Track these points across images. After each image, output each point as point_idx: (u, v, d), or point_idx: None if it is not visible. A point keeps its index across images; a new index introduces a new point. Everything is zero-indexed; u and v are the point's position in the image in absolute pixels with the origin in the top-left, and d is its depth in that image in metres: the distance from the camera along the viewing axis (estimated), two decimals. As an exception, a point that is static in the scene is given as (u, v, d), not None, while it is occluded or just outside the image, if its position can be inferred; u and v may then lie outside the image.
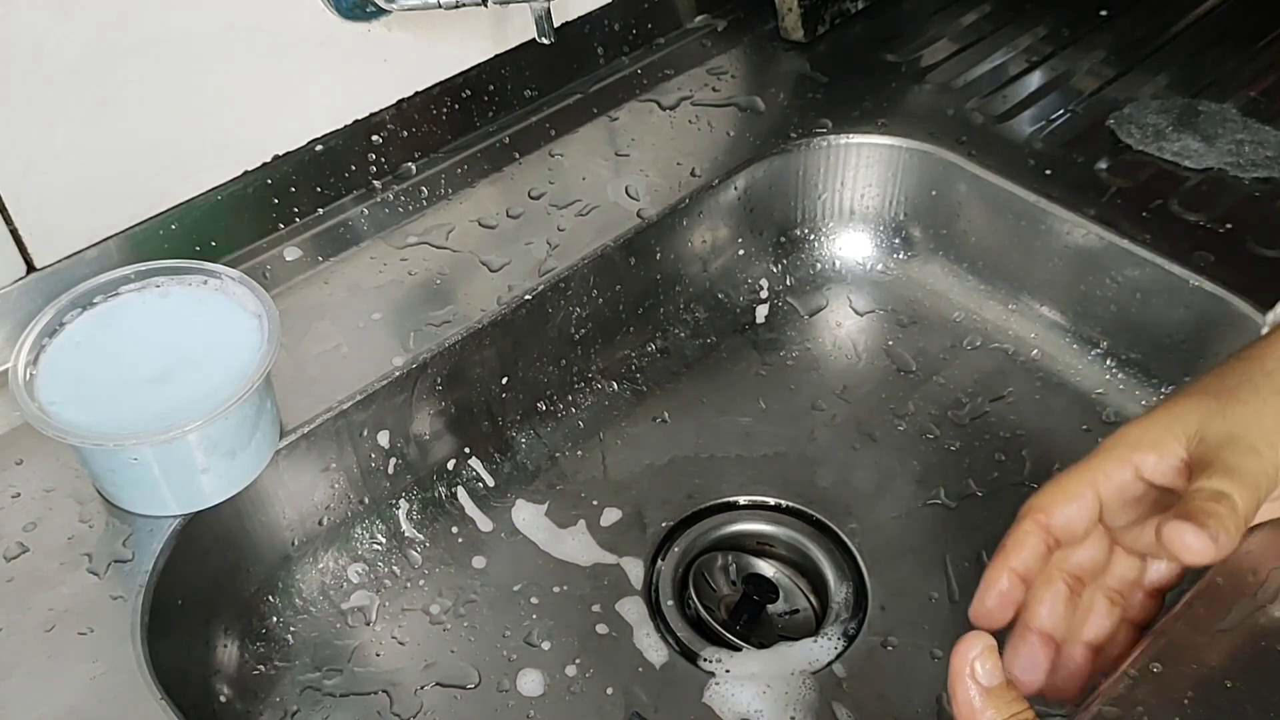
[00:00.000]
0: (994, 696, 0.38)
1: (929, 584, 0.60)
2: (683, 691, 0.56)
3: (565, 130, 0.74)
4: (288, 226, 0.66)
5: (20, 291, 0.56)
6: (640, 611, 0.60)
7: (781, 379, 0.71)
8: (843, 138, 0.73)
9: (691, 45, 0.81)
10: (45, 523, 0.52)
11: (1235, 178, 0.69)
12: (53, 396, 0.49)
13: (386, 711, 0.56)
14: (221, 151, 0.62)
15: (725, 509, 0.65)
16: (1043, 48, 0.81)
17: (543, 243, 0.66)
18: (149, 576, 0.50)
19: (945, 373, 0.70)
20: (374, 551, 0.61)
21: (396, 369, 0.59)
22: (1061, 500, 0.44)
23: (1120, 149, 0.71)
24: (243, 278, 0.53)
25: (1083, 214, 0.66)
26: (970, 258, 0.73)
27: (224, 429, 0.50)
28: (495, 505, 0.64)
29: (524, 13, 0.63)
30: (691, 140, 0.73)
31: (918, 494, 0.64)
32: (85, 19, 0.54)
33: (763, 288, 0.75)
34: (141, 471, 0.49)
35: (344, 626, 0.59)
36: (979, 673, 0.38)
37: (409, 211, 0.68)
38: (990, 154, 0.71)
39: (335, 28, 0.63)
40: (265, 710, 0.55)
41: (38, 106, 0.54)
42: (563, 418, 0.68)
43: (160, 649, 0.48)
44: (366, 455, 0.60)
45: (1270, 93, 0.76)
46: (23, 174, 0.55)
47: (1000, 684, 0.38)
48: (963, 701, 0.38)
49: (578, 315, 0.67)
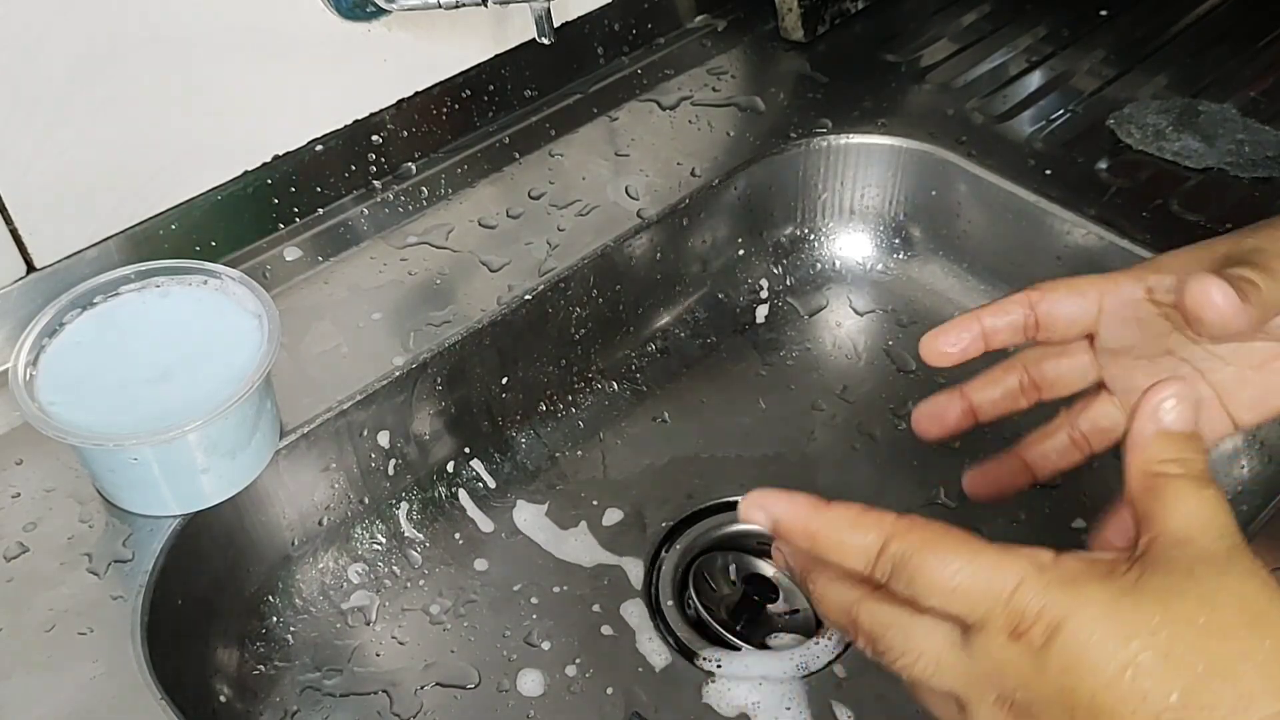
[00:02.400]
0: (1163, 440, 0.36)
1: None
2: (683, 692, 0.56)
3: (565, 130, 0.74)
4: (288, 226, 0.66)
5: (20, 291, 0.56)
6: (640, 612, 0.60)
7: (781, 379, 0.71)
8: (843, 138, 0.73)
9: (691, 45, 0.81)
10: (45, 523, 0.52)
11: (1235, 178, 0.69)
12: (53, 396, 0.49)
13: (386, 711, 0.56)
14: (221, 151, 0.62)
15: (725, 509, 0.64)
16: (1043, 48, 0.81)
17: (543, 243, 0.66)
18: (149, 576, 0.50)
19: (945, 373, 0.70)
20: (374, 551, 0.61)
21: (396, 369, 0.59)
22: (1063, 288, 0.43)
23: (1120, 149, 0.71)
24: (243, 278, 0.53)
25: (1083, 214, 0.66)
26: (970, 258, 0.73)
27: (224, 429, 0.50)
28: (495, 505, 0.64)
29: (524, 13, 0.63)
30: (691, 140, 0.73)
31: (918, 494, 0.64)
32: (85, 19, 0.53)
33: (763, 288, 0.75)
34: (141, 471, 0.49)
35: (344, 626, 0.59)
36: (1165, 413, 0.36)
37: (409, 211, 0.68)
38: (990, 154, 0.71)
39: (335, 28, 0.63)
40: (265, 710, 0.55)
41: (38, 106, 0.54)
42: (563, 418, 0.68)
43: (160, 649, 0.48)
44: (366, 455, 0.60)
45: (1270, 93, 0.76)
46: (23, 174, 0.55)
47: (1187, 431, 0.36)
48: (1135, 434, 0.36)
49: (578, 315, 0.67)
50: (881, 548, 0.34)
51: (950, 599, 0.33)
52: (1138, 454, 0.36)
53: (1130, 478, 0.36)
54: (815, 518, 0.36)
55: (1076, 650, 0.31)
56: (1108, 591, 0.32)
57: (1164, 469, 0.35)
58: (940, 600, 0.33)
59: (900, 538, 0.34)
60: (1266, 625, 0.31)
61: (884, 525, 0.35)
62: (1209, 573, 0.32)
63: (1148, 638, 0.30)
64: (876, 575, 0.35)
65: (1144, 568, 0.32)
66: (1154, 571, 0.32)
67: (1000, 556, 0.33)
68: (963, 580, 0.33)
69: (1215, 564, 0.32)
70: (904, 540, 0.34)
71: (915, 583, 0.34)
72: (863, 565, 0.35)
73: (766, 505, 0.37)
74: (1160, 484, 0.34)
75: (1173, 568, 0.32)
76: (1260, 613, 0.31)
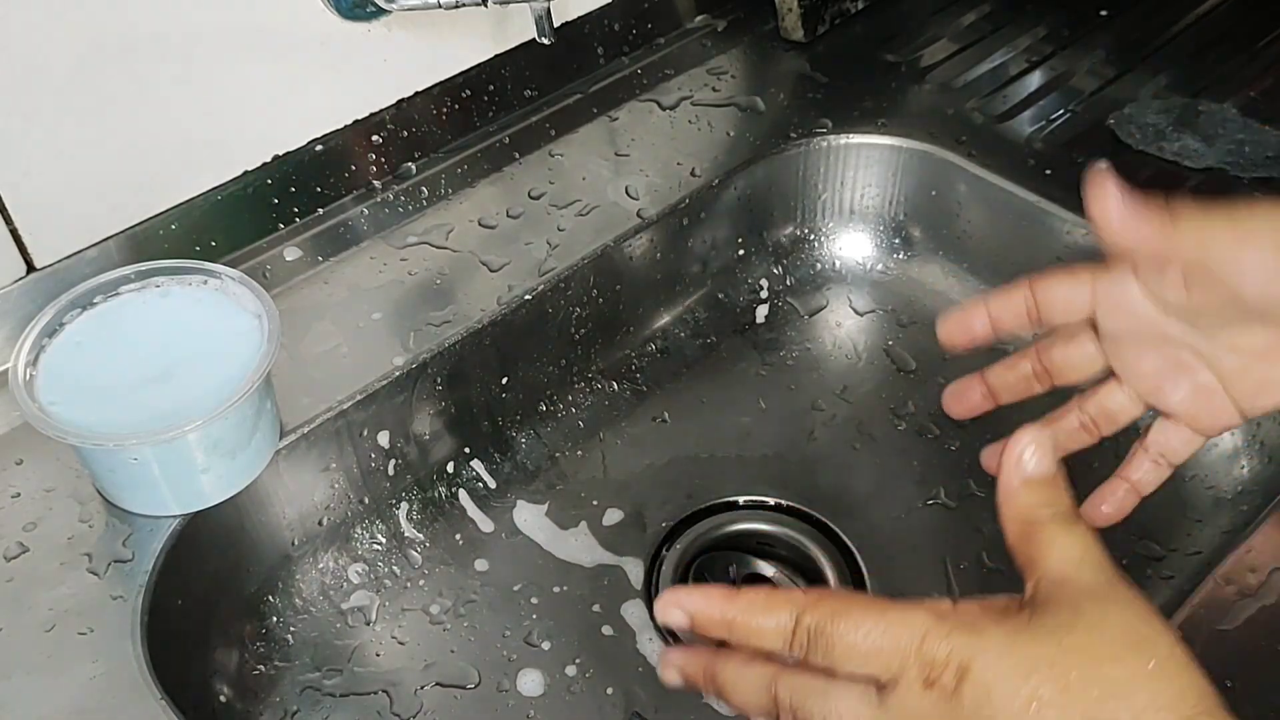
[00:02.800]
0: (1031, 488, 0.38)
1: (929, 584, 0.60)
2: (683, 691, 0.56)
3: (565, 130, 0.74)
4: (288, 226, 0.66)
5: (20, 291, 0.56)
6: (640, 612, 0.60)
7: (781, 379, 0.71)
8: (843, 138, 0.73)
9: (691, 45, 0.81)
10: (45, 523, 0.52)
11: (1235, 178, 0.69)
12: (53, 396, 0.49)
13: (386, 711, 0.56)
14: (221, 151, 0.62)
15: (725, 509, 0.64)
16: (1043, 48, 0.81)
17: (543, 243, 0.66)
18: (149, 576, 0.50)
19: (945, 373, 0.70)
20: (374, 551, 0.61)
21: (396, 369, 0.59)
22: (1059, 273, 0.45)
23: (1120, 149, 0.71)
24: (243, 278, 0.53)
25: (1083, 214, 0.66)
26: (970, 258, 0.73)
27: (224, 429, 0.50)
28: (495, 505, 0.64)
29: (524, 13, 0.63)
30: (691, 140, 0.73)
31: (918, 494, 0.64)
32: (85, 19, 0.54)
33: (763, 288, 0.75)
34: (141, 471, 0.49)
35: (344, 626, 0.59)
36: (1027, 462, 0.39)
37: (409, 211, 0.68)
38: (990, 154, 0.71)
39: (335, 28, 0.63)
40: (265, 710, 0.55)
41: (38, 106, 0.54)
42: (563, 418, 0.68)
43: (160, 649, 0.48)
44: (366, 455, 0.60)
45: (1270, 93, 0.76)
46: (23, 174, 0.55)
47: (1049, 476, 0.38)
48: (1005, 484, 0.39)
49: (578, 315, 0.67)
50: (796, 622, 0.36)
51: (865, 660, 0.35)
52: (1010, 505, 0.38)
53: (1007, 528, 0.38)
54: (729, 606, 0.38)
55: (985, 688, 0.33)
56: (1005, 630, 0.34)
57: (1034, 514, 0.37)
58: (856, 664, 0.35)
59: (811, 610, 0.36)
60: (1149, 647, 0.33)
61: (795, 601, 0.37)
62: (1092, 606, 0.34)
63: (1046, 670, 0.33)
64: (794, 650, 0.37)
65: (1034, 607, 0.35)
66: (1043, 610, 0.34)
67: (904, 612, 0.35)
68: (874, 640, 0.35)
69: (1096, 597, 0.35)
70: (815, 611, 0.36)
71: (833, 650, 0.35)
72: (780, 643, 0.37)
73: (681, 603, 0.39)
74: (1034, 530, 0.37)
75: (1059, 605, 0.35)
76: (1143, 637, 0.34)
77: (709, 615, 0.38)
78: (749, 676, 0.39)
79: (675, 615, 0.39)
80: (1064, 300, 0.45)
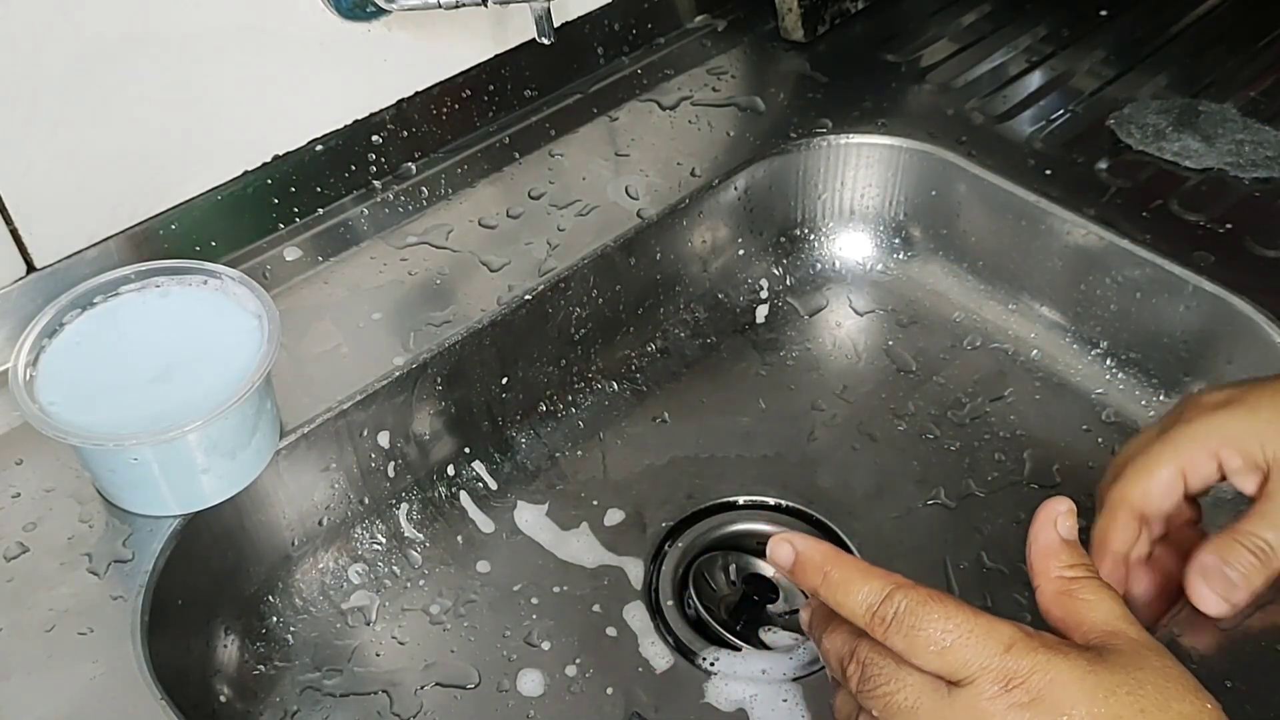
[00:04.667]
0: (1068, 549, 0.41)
1: (928, 584, 0.60)
2: (683, 691, 0.56)
3: (565, 130, 0.74)
4: (288, 226, 0.66)
5: (20, 291, 0.56)
6: (640, 612, 0.60)
7: (781, 379, 0.71)
8: (843, 138, 0.73)
9: (691, 45, 0.81)
10: (45, 523, 0.52)
11: (1235, 178, 0.69)
12: (53, 396, 0.49)
13: (386, 711, 0.56)
14: (221, 151, 0.62)
15: (725, 509, 0.64)
16: (1043, 48, 0.81)
17: (543, 243, 0.66)
18: (149, 576, 0.50)
19: (945, 373, 0.70)
20: (374, 551, 0.61)
21: (396, 369, 0.59)
22: (1142, 479, 0.47)
23: (1120, 149, 0.71)
24: (243, 278, 0.53)
25: (1083, 214, 0.66)
26: (970, 258, 0.73)
27: (224, 429, 0.50)
28: (495, 505, 0.64)
29: (524, 13, 0.63)
30: (691, 140, 0.73)
31: (918, 494, 0.64)
32: (85, 19, 0.54)
33: (763, 288, 0.75)
34: (141, 471, 0.49)
35: (344, 626, 0.59)
36: (1061, 526, 0.41)
37: (409, 211, 0.68)
38: (990, 154, 0.71)
39: (335, 28, 0.63)
40: (265, 710, 0.55)
41: (38, 106, 0.54)
42: (563, 418, 0.68)
43: (160, 649, 0.48)
44: (366, 455, 0.60)
45: (1270, 93, 0.76)
46: (23, 174, 0.55)
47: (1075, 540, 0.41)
48: (1042, 544, 0.41)
49: (578, 315, 0.67)
50: (886, 595, 0.38)
51: (942, 655, 0.37)
52: (1049, 561, 0.41)
53: (1044, 586, 0.41)
54: (830, 560, 0.40)
55: (1067, 703, 0.36)
56: (1085, 656, 0.37)
57: (1075, 573, 0.40)
58: (932, 656, 0.37)
59: (906, 591, 0.38)
60: (1204, 694, 0.37)
61: (892, 579, 0.39)
62: (1151, 653, 0.38)
63: (1124, 695, 0.36)
64: (874, 624, 0.38)
65: (1099, 650, 0.38)
66: (1108, 652, 0.37)
67: (993, 621, 0.37)
68: (958, 638, 0.37)
69: (1151, 647, 0.38)
70: (910, 594, 0.38)
71: (915, 635, 0.37)
72: (864, 612, 0.39)
73: (793, 540, 0.42)
74: (1076, 586, 0.40)
75: (1121, 650, 0.38)
76: (1197, 684, 0.37)
77: (811, 560, 0.41)
78: (839, 639, 0.41)
79: (784, 550, 0.42)
80: (1160, 499, 0.47)
